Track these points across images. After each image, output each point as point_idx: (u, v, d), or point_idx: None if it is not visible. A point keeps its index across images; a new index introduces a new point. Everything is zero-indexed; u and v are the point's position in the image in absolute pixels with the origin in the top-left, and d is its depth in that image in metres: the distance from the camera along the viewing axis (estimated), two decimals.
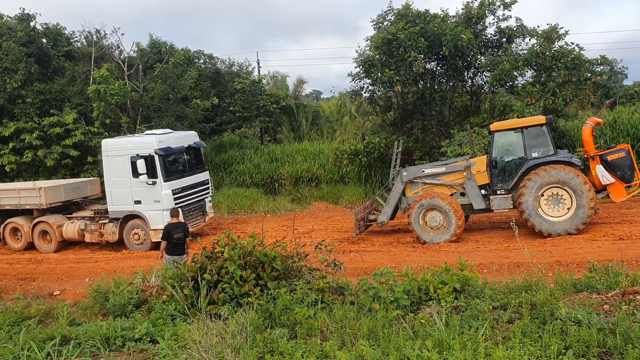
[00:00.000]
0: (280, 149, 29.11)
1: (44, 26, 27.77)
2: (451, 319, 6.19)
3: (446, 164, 16.07)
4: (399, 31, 21.24)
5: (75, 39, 29.41)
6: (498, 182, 15.32)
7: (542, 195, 14.42)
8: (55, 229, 18.33)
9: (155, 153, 16.92)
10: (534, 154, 14.86)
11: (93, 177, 22.80)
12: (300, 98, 41.31)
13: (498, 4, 21.97)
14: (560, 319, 5.95)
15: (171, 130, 19.60)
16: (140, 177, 16.81)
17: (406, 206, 16.20)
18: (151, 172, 16.88)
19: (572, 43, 20.45)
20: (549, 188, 14.36)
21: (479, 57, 22.58)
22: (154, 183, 16.95)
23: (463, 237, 15.76)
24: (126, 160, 17.16)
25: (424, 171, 16.12)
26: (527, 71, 21.14)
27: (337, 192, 23.95)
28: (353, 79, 22.98)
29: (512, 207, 15.10)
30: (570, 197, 14.26)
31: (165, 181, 17.03)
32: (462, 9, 22.70)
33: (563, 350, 5.37)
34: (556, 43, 20.58)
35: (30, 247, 18.91)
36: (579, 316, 5.96)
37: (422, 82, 23.69)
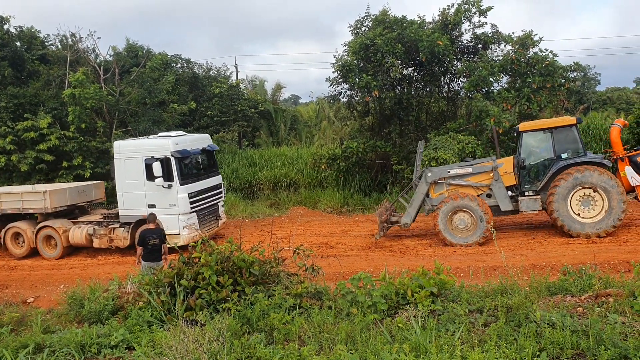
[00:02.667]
0: (259, 154, 29.05)
1: (18, 29, 27.35)
2: (428, 322, 6.24)
3: (472, 165, 15.75)
4: (377, 37, 21.39)
5: (50, 43, 29.03)
6: (526, 183, 15.13)
7: (573, 196, 14.27)
8: (61, 234, 17.62)
9: (172, 155, 16.34)
10: (564, 155, 14.70)
11: (68, 181, 22.48)
12: (279, 103, 41.32)
13: (474, 10, 22.27)
14: (535, 322, 6.03)
15: (185, 133, 19.13)
16: (156, 180, 16.20)
17: (430, 208, 15.90)
18: (167, 175, 16.30)
19: (546, 50, 20.86)
20: (580, 189, 14.22)
21: (455, 63, 22.87)
22: (169, 186, 16.35)
23: (439, 241, 15.87)
24: (140, 163, 16.54)
25: (449, 172, 15.79)
26: (502, 77, 21.46)
27: (316, 197, 23.97)
28: (331, 84, 23.11)
29: (541, 208, 14.98)
30: (602, 199, 14.14)
31: (181, 184, 16.47)
32: (439, 15, 22.96)
33: (538, 353, 5.45)
34: (531, 49, 20.93)
35: (33, 253, 18.17)
36: (553, 319, 6.06)
37: (399, 88, 23.88)
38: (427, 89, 24.48)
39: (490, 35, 22.66)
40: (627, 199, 14.33)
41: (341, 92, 23.88)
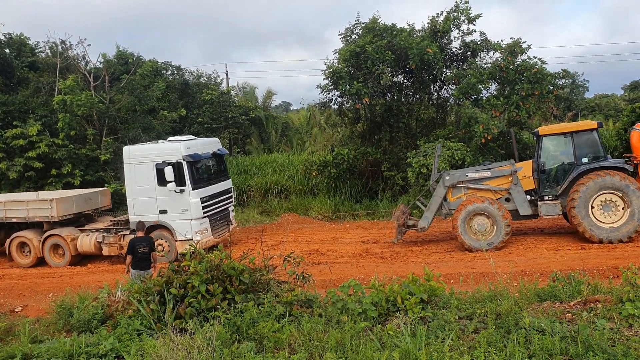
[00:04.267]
0: (249, 161, 29.02)
1: (7, 36, 27.22)
2: (418, 329, 6.25)
3: (491, 169, 15.59)
4: (367, 44, 21.51)
5: (39, 50, 28.95)
6: (545, 187, 14.98)
7: (595, 201, 14.09)
8: (69, 242, 17.26)
9: (184, 160, 16.11)
10: (584, 159, 14.53)
11: (57, 189, 22.32)
12: (270, 109, 41.37)
13: (463, 18, 22.44)
14: (525, 328, 6.06)
15: (195, 137, 18.95)
16: (168, 185, 15.99)
17: (447, 211, 15.73)
18: (179, 180, 16.07)
19: (535, 57, 21.00)
20: (602, 194, 14.04)
21: (444, 70, 23.05)
22: (181, 191, 16.12)
23: (430, 247, 15.92)
24: (150, 168, 16.31)
25: (467, 175, 15.63)
26: (491, 84, 21.61)
27: (307, 204, 23.96)
28: (322, 91, 23.22)
29: (560, 213, 14.86)
30: (624, 204, 13.96)
31: (193, 189, 16.23)
32: (428, 23, 23.13)
33: (527, 359, 5.47)
34: (519, 57, 21.09)
35: (40, 262, 17.80)
36: (543, 325, 6.08)
37: (389, 95, 24.01)
38: (417, 96, 24.63)
39: (479, 42, 22.85)
40: None
41: (332, 99, 24.01)
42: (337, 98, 23.92)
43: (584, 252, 13.50)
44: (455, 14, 22.46)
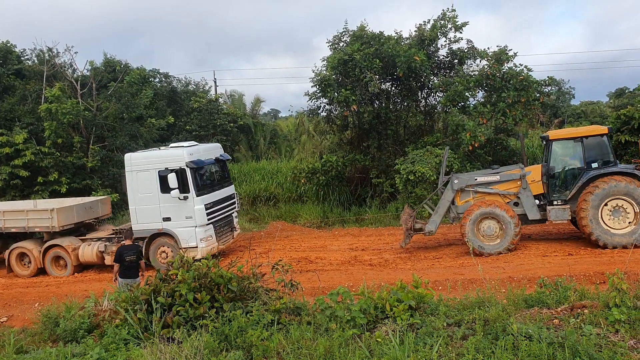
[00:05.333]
0: (238, 168, 28.95)
1: None
2: (406, 336, 6.24)
3: (500, 172, 15.52)
4: (355, 52, 21.62)
5: (26, 57, 28.75)
6: (554, 192, 14.90)
7: (604, 207, 14.00)
8: (71, 252, 17.04)
9: (187, 166, 15.98)
10: (594, 165, 14.47)
11: (43, 198, 22.12)
12: (258, 117, 41.35)
13: (449, 26, 22.64)
14: (512, 334, 6.07)
15: (196, 143, 18.79)
16: (172, 192, 15.82)
17: (455, 215, 15.67)
18: (182, 187, 15.89)
19: (521, 65, 21.22)
20: (612, 200, 13.96)
21: (432, 77, 23.22)
22: (185, 198, 15.96)
23: (418, 254, 15.95)
24: (153, 175, 16.16)
25: (476, 179, 15.52)
26: (478, 92, 21.78)
27: (295, 211, 23.94)
28: (310, 98, 23.31)
29: (570, 218, 14.77)
30: (634, 210, 13.91)
31: (197, 195, 16.08)
32: (415, 31, 23.31)
33: None
34: (505, 65, 21.28)
35: (40, 273, 17.54)
36: (530, 331, 6.10)
37: (377, 102, 24.12)
38: (405, 104, 24.77)
39: (465, 50, 23.04)
40: None
41: (320, 106, 24.10)
42: (325, 105, 24.04)
43: (571, 258, 13.59)
44: (442, 22, 22.67)
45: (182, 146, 17.06)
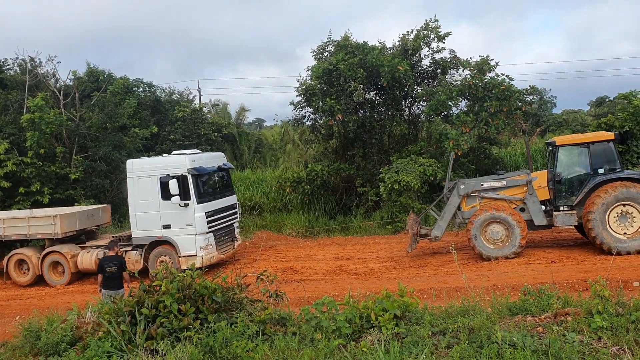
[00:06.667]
0: None
1: None
2: (392, 346, 6.24)
3: (506, 178, 15.56)
4: (339, 62, 21.72)
5: (8, 67, 28.40)
6: (561, 198, 14.94)
7: (611, 213, 14.03)
8: (69, 259, 16.86)
9: (189, 173, 15.86)
10: (600, 170, 14.53)
11: (26, 208, 21.85)
12: (243, 126, 41.30)
13: (432, 36, 22.85)
14: (497, 342, 6.10)
15: (199, 151, 18.68)
16: (172, 198, 15.66)
17: (461, 221, 15.65)
18: (183, 194, 15.77)
19: (503, 74, 21.47)
20: (618, 206, 14.00)
21: (415, 87, 23.39)
22: (186, 205, 15.81)
23: (403, 263, 15.98)
24: (154, 182, 16.02)
25: (482, 185, 15.58)
26: (461, 101, 21.98)
27: (280, 221, 23.88)
28: (295, 108, 23.34)
29: (576, 223, 14.80)
30: None
31: (198, 203, 15.95)
32: (399, 41, 23.50)
33: None
34: (487, 74, 21.50)
35: (39, 280, 17.36)
36: (514, 339, 6.13)
37: (362, 111, 24.23)
38: (389, 113, 24.90)
39: (448, 60, 23.26)
40: None
41: (305, 115, 24.16)
42: (310, 115, 24.08)
43: (554, 266, 13.71)
44: (425, 32, 22.88)
45: (185, 153, 17.01)
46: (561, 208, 14.91)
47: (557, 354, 5.68)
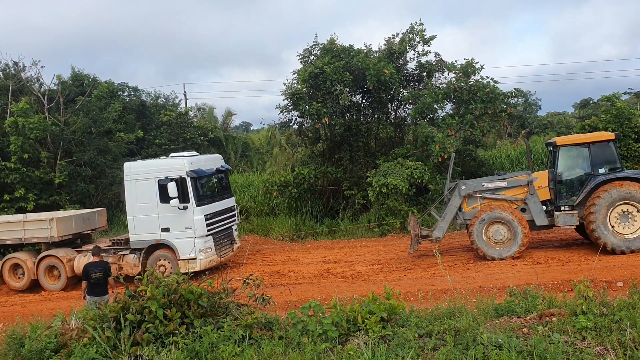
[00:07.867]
0: None
1: None
2: (378, 348, 6.25)
3: (507, 178, 15.62)
4: (325, 65, 21.76)
5: None
6: (562, 198, 15.01)
7: (612, 212, 14.12)
8: (66, 263, 16.57)
9: (187, 175, 15.70)
10: (601, 170, 14.62)
11: (10, 214, 21.60)
12: (230, 130, 41.20)
13: (418, 39, 22.97)
14: (483, 344, 6.12)
15: (197, 153, 18.54)
16: (171, 201, 15.49)
17: (462, 222, 15.71)
18: (182, 196, 15.60)
19: (487, 77, 21.67)
20: (620, 205, 14.09)
21: (401, 90, 23.47)
22: (185, 208, 15.64)
23: (390, 265, 16.01)
24: (152, 184, 15.85)
25: (484, 185, 15.62)
26: (446, 104, 22.13)
27: (268, 225, 23.81)
28: (281, 111, 23.34)
29: (578, 223, 14.86)
30: None
31: (197, 205, 15.79)
32: (384, 44, 23.61)
33: None
34: (472, 77, 21.66)
35: (34, 285, 17.05)
36: (500, 340, 6.17)
37: (348, 115, 24.28)
38: (375, 116, 24.99)
39: (434, 63, 23.41)
40: None
41: (292, 119, 24.15)
42: (297, 118, 24.09)
43: (539, 267, 13.81)
44: (411, 35, 23.00)
45: (183, 156, 16.92)
46: (562, 208, 15.01)
47: (542, 355, 5.71)
